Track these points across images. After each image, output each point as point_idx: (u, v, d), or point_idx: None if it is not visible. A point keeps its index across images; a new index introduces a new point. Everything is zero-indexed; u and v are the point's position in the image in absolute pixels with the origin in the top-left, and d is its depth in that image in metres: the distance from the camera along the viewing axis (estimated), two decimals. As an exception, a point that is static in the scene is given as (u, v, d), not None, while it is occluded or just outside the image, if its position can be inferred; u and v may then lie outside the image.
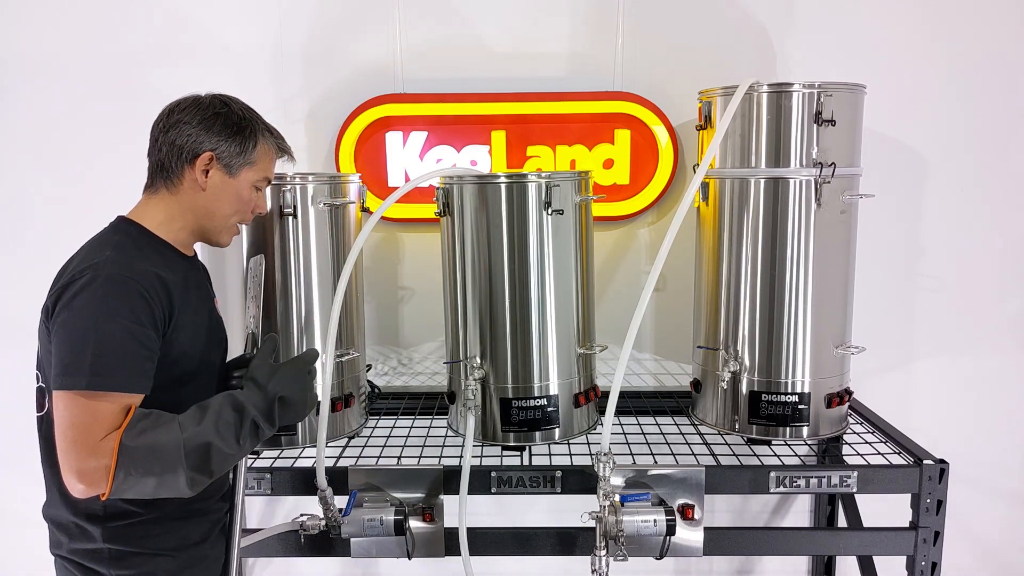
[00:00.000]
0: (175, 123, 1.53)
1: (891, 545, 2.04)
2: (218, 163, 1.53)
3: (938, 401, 2.74)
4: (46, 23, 2.57)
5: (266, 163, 1.62)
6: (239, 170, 1.56)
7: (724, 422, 2.24)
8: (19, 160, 2.65)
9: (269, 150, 1.62)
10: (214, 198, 1.55)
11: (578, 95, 2.53)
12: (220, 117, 1.54)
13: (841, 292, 2.18)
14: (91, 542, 1.47)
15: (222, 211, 1.57)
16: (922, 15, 2.54)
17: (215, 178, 1.54)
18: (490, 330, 2.11)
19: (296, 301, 2.13)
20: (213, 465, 1.40)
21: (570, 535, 2.07)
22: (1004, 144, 2.60)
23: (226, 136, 1.54)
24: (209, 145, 1.52)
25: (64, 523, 1.50)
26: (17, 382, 2.70)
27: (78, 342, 1.35)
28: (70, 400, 1.33)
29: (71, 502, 1.47)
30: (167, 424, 1.38)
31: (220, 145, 1.53)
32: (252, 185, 1.60)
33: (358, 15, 2.56)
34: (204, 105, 1.55)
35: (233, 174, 1.56)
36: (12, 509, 2.86)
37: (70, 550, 1.49)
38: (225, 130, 1.54)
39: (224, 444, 1.41)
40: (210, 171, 1.53)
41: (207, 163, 1.52)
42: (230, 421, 1.43)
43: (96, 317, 1.35)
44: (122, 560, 1.48)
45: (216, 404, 1.45)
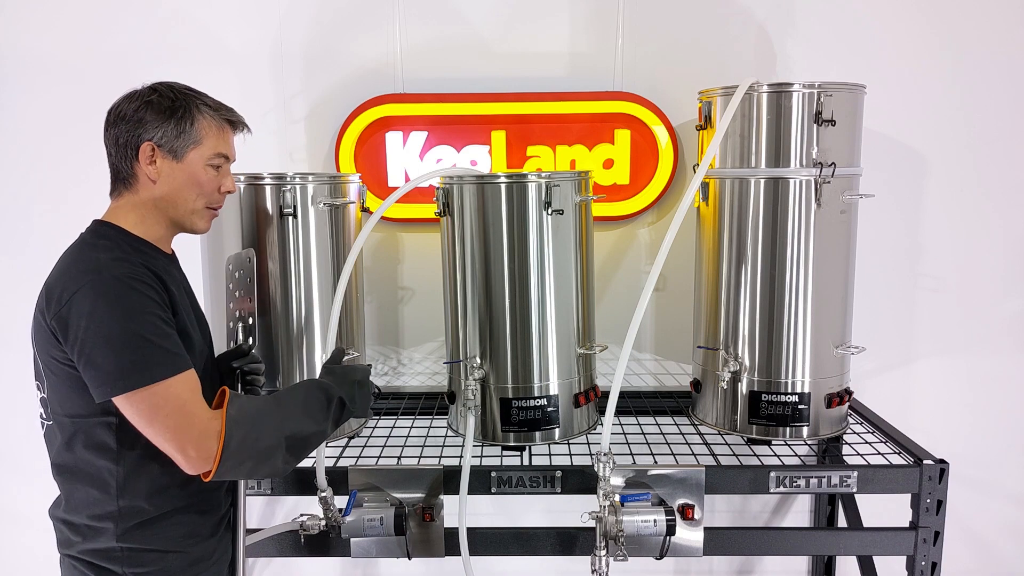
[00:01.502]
0: (112, 122, 1.52)
1: (891, 545, 2.04)
2: (161, 151, 1.50)
3: (938, 401, 2.74)
4: (46, 23, 2.57)
5: (214, 139, 1.55)
6: (185, 152, 1.51)
7: (724, 422, 2.24)
8: (20, 160, 2.65)
9: (213, 124, 1.55)
10: (169, 187, 1.52)
11: (578, 95, 2.53)
12: (151, 104, 1.50)
13: (841, 292, 2.18)
14: (104, 541, 1.48)
15: (183, 198, 1.54)
16: (922, 15, 2.54)
17: (163, 167, 1.50)
18: (490, 330, 2.11)
19: (296, 301, 2.13)
20: (309, 445, 1.53)
21: (570, 535, 2.07)
22: (1004, 144, 2.60)
23: (160, 121, 1.49)
24: (147, 135, 1.49)
25: (76, 524, 1.50)
26: (17, 383, 2.71)
27: (122, 345, 1.36)
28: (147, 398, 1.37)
29: (82, 504, 1.48)
30: (264, 403, 1.50)
31: (156, 132, 1.49)
32: (206, 164, 1.54)
33: (358, 15, 2.56)
34: (135, 96, 1.52)
35: (180, 158, 1.51)
36: (13, 509, 2.85)
37: (82, 550, 1.49)
38: (158, 116, 1.49)
39: (315, 424, 1.53)
40: (156, 161, 1.50)
41: (150, 153, 1.50)
42: (321, 403, 1.56)
43: (125, 317, 1.37)
44: (135, 558, 1.49)
45: (303, 387, 1.59)
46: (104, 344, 1.36)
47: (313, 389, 1.58)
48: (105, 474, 1.47)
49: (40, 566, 2.85)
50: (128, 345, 1.36)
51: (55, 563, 1.57)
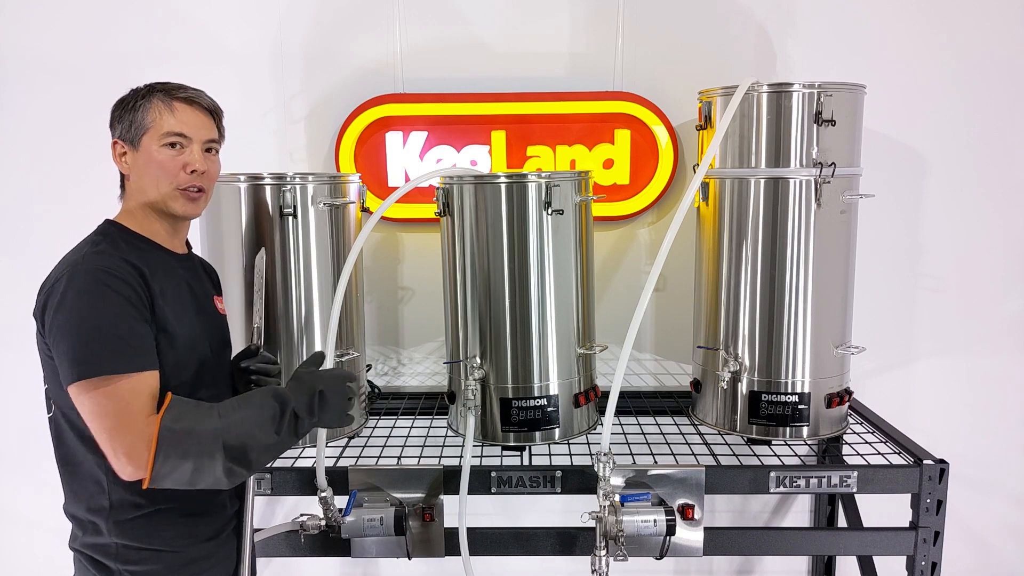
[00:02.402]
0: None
1: (891, 545, 2.04)
2: (123, 143, 1.55)
3: (938, 401, 2.74)
4: (46, 23, 2.57)
5: (162, 120, 1.54)
6: (139, 141, 1.54)
7: (724, 422, 2.24)
8: (20, 160, 2.64)
9: (161, 106, 1.55)
10: (137, 176, 1.56)
11: (578, 95, 2.53)
12: (117, 105, 1.57)
13: (841, 292, 2.18)
14: (100, 536, 1.49)
15: (150, 184, 1.55)
16: (922, 15, 2.54)
17: (130, 159, 1.56)
18: (490, 330, 2.11)
19: (296, 301, 2.13)
20: (252, 455, 1.41)
21: (570, 535, 2.07)
22: (1004, 143, 2.60)
23: (120, 117, 1.56)
24: (114, 133, 1.57)
25: (80, 518, 1.52)
26: (17, 383, 2.71)
27: (81, 334, 1.37)
28: (92, 390, 1.36)
29: (82, 497, 1.50)
30: (206, 411, 1.42)
31: (119, 127, 1.56)
32: (160, 147, 1.54)
33: (358, 15, 2.56)
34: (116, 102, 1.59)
35: (137, 146, 1.55)
36: (13, 510, 2.85)
37: (83, 544, 1.51)
38: (119, 111, 1.56)
39: (263, 434, 1.43)
40: (125, 155, 1.56)
41: (120, 150, 1.56)
42: (270, 411, 1.45)
43: (90, 307, 1.38)
44: (128, 555, 1.49)
45: (258, 395, 1.49)
46: (68, 333, 1.37)
47: (267, 397, 1.47)
48: (96, 467, 1.47)
49: (41, 566, 2.85)
50: (87, 336, 1.37)
51: (56, 563, 1.58)
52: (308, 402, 1.50)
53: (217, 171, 1.63)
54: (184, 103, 1.57)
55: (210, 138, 1.59)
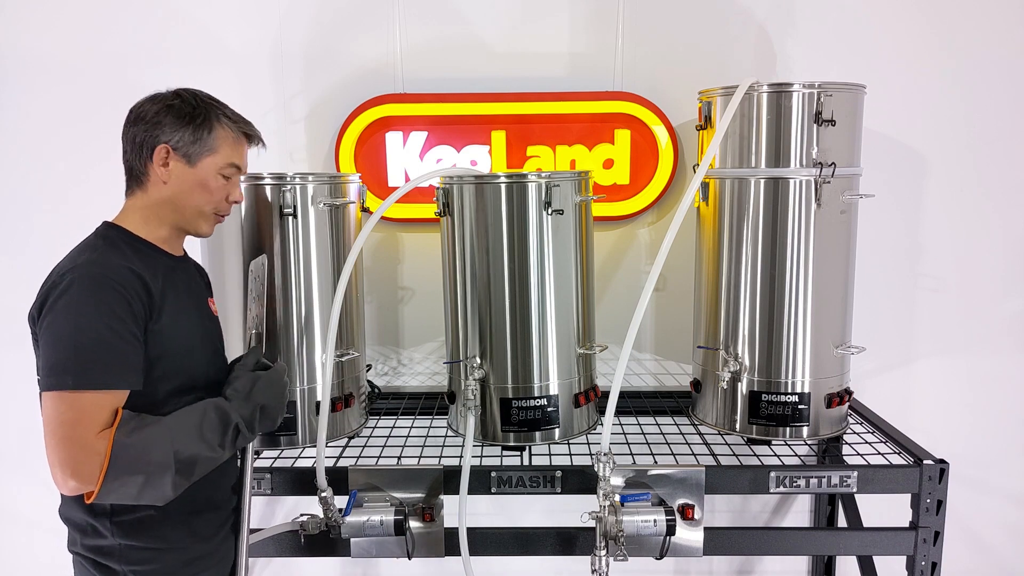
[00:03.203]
0: (132, 121, 1.55)
1: (891, 545, 2.04)
2: (176, 154, 1.53)
3: (938, 401, 2.74)
4: (46, 23, 2.57)
5: (228, 150, 1.58)
6: (199, 159, 1.55)
7: (724, 422, 2.24)
8: (20, 160, 2.64)
9: (230, 135, 1.58)
10: (179, 190, 1.55)
11: (578, 95, 2.53)
12: (172, 108, 1.54)
13: (841, 292, 2.17)
14: (103, 538, 1.49)
15: (191, 202, 1.57)
16: (922, 15, 2.54)
17: (176, 170, 1.54)
18: (490, 330, 2.11)
19: (296, 301, 2.13)
20: (197, 468, 1.45)
21: (570, 535, 2.07)
22: (1004, 143, 2.60)
23: (179, 126, 1.53)
24: (164, 137, 1.53)
25: (78, 521, 1.51)
26: (17, 382, 2.71)
27: (60, 343, 1.37)
28: (57, 400, 1.35)
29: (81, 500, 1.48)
30: (156, 425, 1.42)
31: (174, 135, 1.53)
32: (217, 173, 1.57)
33: (358, 15, 2.56)
34: (158, 99, 1.56)
35: (193, 163, 1.54)
36: (13, 510, 2.85)
37: (84, 546, 1.51)
38: (178, 120, 1.53)
39: (208, 449, 1.46)
40: (169, 163, 1.53)
41: (164, 156, 1.53)
42: (215, 427, 1.48)
43: (76, 316, 1.38)
44: (132, 555, 1.49)
45: (200, 409, 1.49)
46: (51, 339, 1.38)
47: (211, 412, 1.49)
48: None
49: (41, 567, 2.85)
50: (68, 344, 1.37)
51: (56, 564, 1.58)
52: (250, 417, 1.56)
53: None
54: (245, 138, 1.62)
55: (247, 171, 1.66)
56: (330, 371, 2.07)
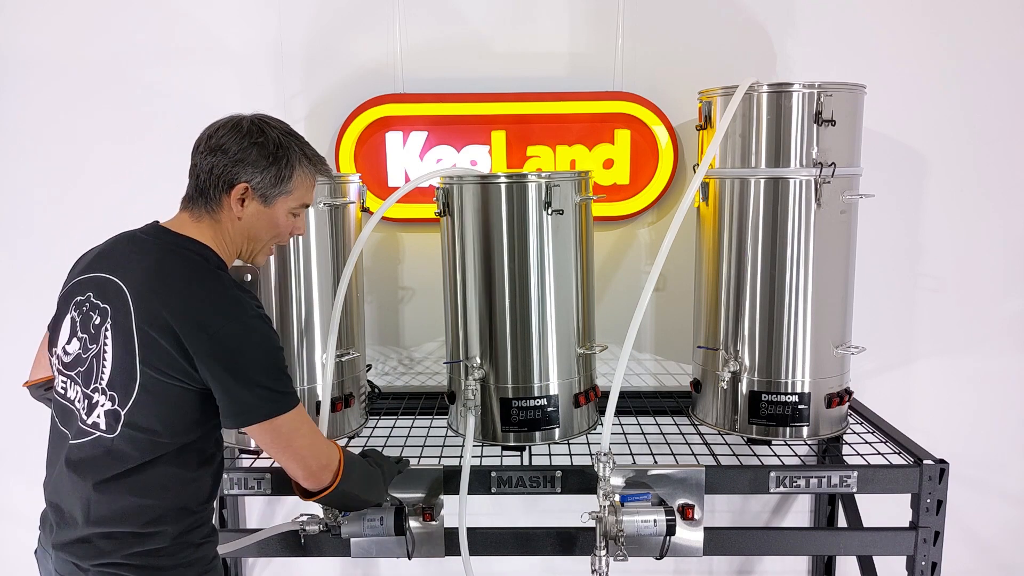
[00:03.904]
0: (212, 149, 1.53)
1: (891, 545, 2.04)
2: (254, 194, 1.55)
3: (938, 401, 2.74)
4: (45, 23, 2.57)
5: (303, 191, 1.62)
6: (275, 200, 1.57)
7: (724, 422, 2.23)
8: (19, 160, 2.64)
9: (307, 177, 1.62)
10: (250, 226, 1.58)
11: (578, 95, 2.53)
12: (256, 147, 1.53)
13: (841, 292, 2.17)
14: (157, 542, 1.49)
15: (259, 237, 1.61)
16: (922, 15, 2.54)
17: (251, 208, 1.56)
18: (490, 330, 2.11)
19: (296, 301, 2.13)
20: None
21: (570, 535, 2.07)
22: (1004, 143, 2.60)
23: (262, 167, 1.54)
24: (245, 176, 1.53)
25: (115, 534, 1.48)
26: (17, 382, 2.70)
27: (263, 373, 1.47)
28: (277, 424, 1.49)
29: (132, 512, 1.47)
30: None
31: (256, 176, 1.53)
32: (288, 212, 1.61)
33: (358, 15, 2.56)
34: (242, 132, 1.54)
35: (269, 204, 1.57)
36: (13, 510, 2.85)
37: (127, 555, 1.48)
38: (261, 160, 1.53)
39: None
40: (246, 201, 1.55)
41: (242, 193, 1.54)
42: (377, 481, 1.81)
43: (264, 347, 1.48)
44: (181, 552, 1.52)
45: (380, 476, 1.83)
46: (252, 378, 1.45)
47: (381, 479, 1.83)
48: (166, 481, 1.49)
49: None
50: (272, 378, 1.48)
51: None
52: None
53: None
54: (320, 175, 1.66)
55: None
56: (330, 371, 2.07)
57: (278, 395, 1.49)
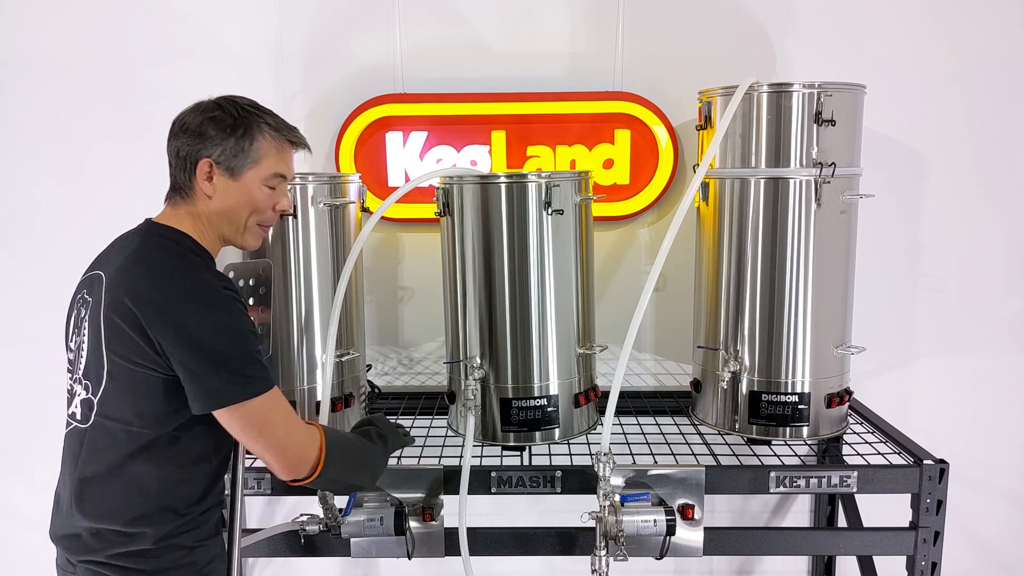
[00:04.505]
0: (176, 133, 1.54)
1: (891, 545, 2.04)
2: (219, 168, 1.52)
3: (938, 401, 2.74)
4: (45, 23, 2.57)
5: (272, 159, 1.57)
6: (242, 171, 1.54)
7: (724, 422, 2.23)
8: (19, 160, 2.64)
9: (273, 144, 1.57)
10: (224, 204, 1.54)
11: (578, 95, 2.53)
12: (213, 121, 1.52)
13: (841, 292, 2.17)
14: (140, 543, 1.48)
15: (237, 215, 1.57)
16: (922, 15, 2.54)
17: (220, 184, 1.53)
18: (490, 330, 2.11)
19: (296, 301, 2.13)
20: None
21: (570, 535, 2.07)
22: (1004, 144, 2.60)
23: (220, 139, 1.51)
24: (206, 152, 1.52)
25: (103, 531, 1.48)
26: (18, 382, 2.71)
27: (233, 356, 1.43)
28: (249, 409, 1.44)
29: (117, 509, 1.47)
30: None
31: (215, 149, 1.51)
32: (262, 184, 1.57)
33: (358, 15, 2.56)
34: (200, 110, 1.54)
35: (236, 177, 1.54)
36: (13, 510, 2.85)
37: (111, 555, 1.48)
38: (218, 133, 1.52)
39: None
40: (213, 177, 1.53)
41: (208, 170, 1.52)
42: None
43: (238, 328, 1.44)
44: (167, 555, 1.50)
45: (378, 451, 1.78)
46: (219, 361, 1.41)
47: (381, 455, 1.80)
48: (147, 479, 1.47)
49: (42, 567, 2.85)
50: (239, 362, 1.42)
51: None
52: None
53: None
54: (289, 145, 1.60)
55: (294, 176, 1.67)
56: (330, 371, 2.07)
57: (246, 379, 1.43)
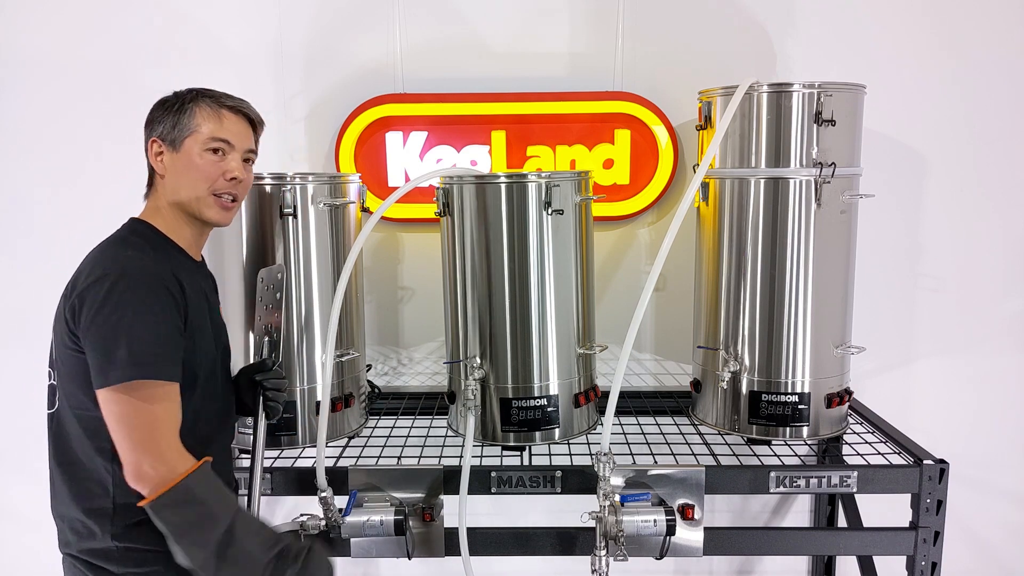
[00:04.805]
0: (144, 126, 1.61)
1: (891, 545, 2.04)
2: (163, 144, 1.56)
3: (938, 401, 2.74)
4: (45, 23, 2.57)
5: (210, 125, 1.57)
6: (181, 142, 1.56)
7: (724, 422, 2.23)
8: (19, 160, 2.64)
9: (207, 111, 1.58)
10: (174, 179, 1.57)
11: (578, 95, 2.53)
12: (160, 104, 1.59)
13: (841, 292, 2.17)
14: (99, 541, 1.48)
15: (185, 186, 1.57)
16: (922, 15, 2.54)
17: (167, 160, 1.57)
18: (490, 330, 2.11)
19: (296, 301, 2.13)
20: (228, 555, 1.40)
21: (570, 535, 2.07)
22: (1004, 144, 2.60)
23: (160, 117, 1.57)
24: (153, 132, 1.58)
25: (72, 519, 1.51)
26: (19, 382, 2.71)
27: (116, 338, 1.38)
28: (119, 397, 1.37)
29: (80, 499, 1.49)
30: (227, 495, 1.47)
31: (158, 127, 1.57)
32: (203, 151, 1.56)
33: (358, 15, 2.56)
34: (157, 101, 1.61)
35: (178, 148, 1.56)
36: (13, 510, 2.85)
37: (79, 549, 1.50)
38: (160, 112, 1.58)
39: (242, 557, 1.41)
40: (162, 155, 1.57)
41: (157, 150, 1.57)
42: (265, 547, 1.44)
43: (130, 313, 1.39)
44: (130, 558, 1.49)
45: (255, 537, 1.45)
46: (105, 336, 1.38)
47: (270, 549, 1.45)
48: (103, 471, 1.48)
49: (42, 567, 2.85)
50: (125, 339, 1.37)
51: (56, 564, 1.57)
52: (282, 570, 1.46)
53: (250, 182, 1.67)
54: (231, 111, 1.61)
55: (250, 148, 1.65)
56: (330, 371, 2.07)
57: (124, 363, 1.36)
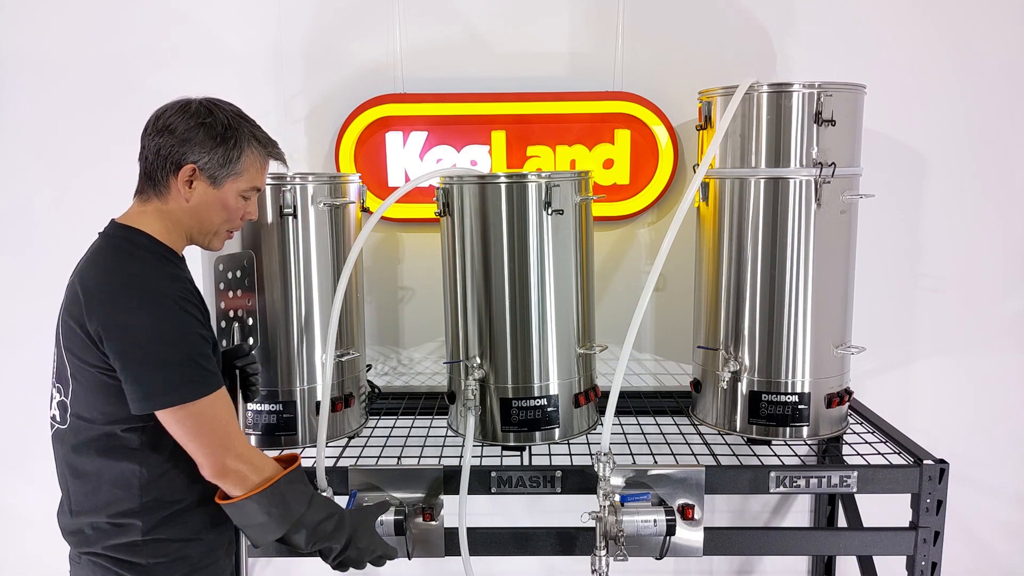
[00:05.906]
0: (160, 130, 1.51)
1: (891, 545, 2.04)
2: (201, 175, 1.52)
3: (938, 401, 2.74)
4: (45, 23, 2.57)
5: (253, 173, 1.58)
6: (224, 181, 1.54)
7: (724, 422, 2.24)
8: (19, 161, 2.64)
9: (257, 159, 1.58)
10: (199, 209, 1.55)
11: (578, 95, 2.53)
12: (204, 127, 1.51)
13: (841, 292, 2.17)
14: (129, 536, 1.49)
15: (209, 220, 1.57)
16: (922, 15, 2.54)
17: (199, 189, 1.53)
18: (490, 330, 2.11)
19: (296, 301, 2.13)
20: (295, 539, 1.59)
21: (570, 535, 2.07)
22: (1004, 144, 2.60)
23: (209, 147, 1.51)
24: (192, 157, 1.50)
25: (96, 525, 1.51)
26: (20, 382, 2.71)
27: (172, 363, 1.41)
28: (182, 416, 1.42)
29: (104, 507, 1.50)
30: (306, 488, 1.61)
31: (203, 157, 1.51)
32: (239, 195, 1.58)
33: (358, 15, 2.56)
34: (190, 112, 1.52)
35: (217, 185, 1.54)
36: (13, 510, 2.85)
37: (104, 547, 1.50)
38: (208, 140, 1.51)
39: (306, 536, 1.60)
40: (194, 182, 1.52)
41: (190, 175, 1.51)
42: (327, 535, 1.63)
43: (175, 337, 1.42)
44: (159, 548, 1.51)
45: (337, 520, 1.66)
46: (154, 362, 1.40)
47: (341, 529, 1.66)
48: (129, 474, 1.49)
49: (42, 566, 2.85)
50: (177, 364, 1.41)
51: (56, 563, 1.57)
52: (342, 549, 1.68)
53: None
54: (272, 159, 1.63)
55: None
56: (330, 371, 2.07)
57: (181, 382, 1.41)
